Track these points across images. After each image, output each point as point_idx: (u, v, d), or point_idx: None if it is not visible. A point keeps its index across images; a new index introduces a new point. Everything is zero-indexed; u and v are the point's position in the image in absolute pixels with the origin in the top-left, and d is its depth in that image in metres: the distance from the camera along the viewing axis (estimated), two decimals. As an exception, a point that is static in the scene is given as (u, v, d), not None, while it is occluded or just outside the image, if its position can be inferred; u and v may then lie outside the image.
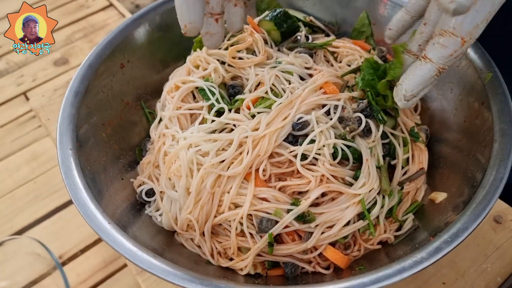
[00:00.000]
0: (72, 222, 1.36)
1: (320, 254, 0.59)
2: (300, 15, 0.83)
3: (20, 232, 1.34)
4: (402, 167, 0.66)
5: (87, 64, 0.72)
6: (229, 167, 0.61)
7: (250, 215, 0.58)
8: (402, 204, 0.64)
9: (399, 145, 0.66)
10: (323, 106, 0.64)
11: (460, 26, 0.50)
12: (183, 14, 0.56)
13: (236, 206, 0.60)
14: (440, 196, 0.62)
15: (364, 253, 0.61)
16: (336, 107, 0.63)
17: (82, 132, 0.65)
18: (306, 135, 0.61)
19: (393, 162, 0.65)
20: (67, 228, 1.35)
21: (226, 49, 0.76)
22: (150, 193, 0.67)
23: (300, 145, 0.60)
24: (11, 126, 1.64)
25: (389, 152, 0.66)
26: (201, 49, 0.78)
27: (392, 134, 0.66)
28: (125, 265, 1.26)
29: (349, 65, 0.74)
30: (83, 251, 1.30)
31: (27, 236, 1.14)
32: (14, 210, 1.40)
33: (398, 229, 0.63)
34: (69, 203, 1.41)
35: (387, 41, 0.69)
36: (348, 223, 0.59)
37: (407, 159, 0.67)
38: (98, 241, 1.31)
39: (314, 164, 0.60)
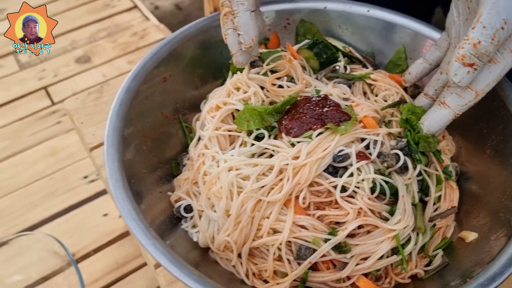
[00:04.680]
0: (86, 221, 1.38)
1: (352, 284, 0.61)
2: (339, 44, 0.85)
3: (33, 227, 1.36)
4: (434, 204, 0.68)
5: (133, 75, 0.74)
6: (268, 193, 0.63)
7: (289, 241, 0.60)
8: (433, 240, 0.66)
9: (432, 182, 0.68)
10: (362, 140, 0.66)
11: (475, 82, 0.60)
12: (252, 28, 0.66)
13: (275, 231, 0.62)
14: (471, 236, 0.64)
15: (393, 285, 0.63)
16: (375, 142, 0.65)
17: (127, 144, 0.67)
18: (345, 167, 0.63)
19: (425, 199, 0.67)
20: (81, 226, 1.36)
21: (265, 74, 0.79)
22: (188, 208, 0.68)
23: (340, 176, 0.62)
24: (30, 120, 1.66)
25: (422, 188, 0.68)
26: (238, 69, 0.80)
27: (425, 171, 0.68)
28: (137, 268, 1.28)
29: (385, 100, 0.76)
30: (96, 250, 1.32)
31: (43, 232, 1.15)
32: (28, 205, 1.42)
33: (427, 264, 0.65)
34: (84, 202, 1.43)
35: (405, 84, 0.79)
36: (381, 257, 0.61)
37: (439, 196, 0.69)
38: (111, 241, 1.33)
39: (352, 197, 0.62)
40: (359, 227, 0.62)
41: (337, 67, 0.81)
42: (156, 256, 0.55)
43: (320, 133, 0.65)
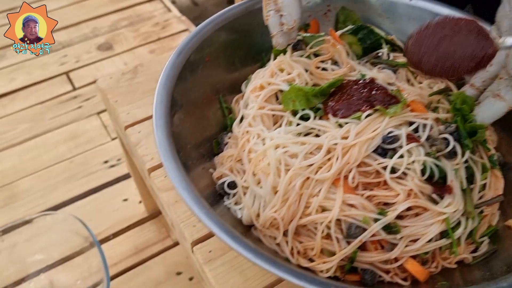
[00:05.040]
0: (106, 205, 1.37)
1: (399, 266, 0.60)
2: (380, 32, 0.85)
3: (53, 209, 1.36)
4: (478, 192, 0.67)
5: (179, 51, 0.74)
6: (316, 172, 0.63)
7: (338, 220, 0.60)
8: (479, 227, 0.65)
9: (477, 170, 0.67)
10: (410, 124, 0.66)
11: None
12: (295, 9, 0.69)
13: (323, 209, 0.61)
14: (519, 224, 0.64)
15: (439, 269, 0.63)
16: (424, 126, 0.65)
17: (174, 117, 0.67)
18: (394, 149, 0.63)
19: (470, 186, 0.67)
20: (100, 210, 1.36)
21: (308, 57, 0.78)
22: (232, 185, 0.68)
23: (390, 158, 0.62)
24: (51, 104, 1.66)
25: (466, 176, 0.67)
26: (281, 51, 0.81)
27: (471, 158, 0.67)
28: (156, 254, 1.27)
29: (430, 87, 0.76)
30: (115, 235, 1.31)
31: (67, 212, 1.15)
32: (48, 186, 1.42)
33: (473, 251, 0.64)
34: (104, 186, 1.42)
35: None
36: (430, 240, 0.60)
37: (483, 185, 0.68)
38: (131, 226, 1.32)
39: (401, 178, 0.62)
40: (408, 209, 0.61)
41: (380, 54, 0.80)
42: (210, 225, 0.54)
43: (368, 115, 0.65)
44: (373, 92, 0.68)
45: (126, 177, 1.42)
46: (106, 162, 1.47)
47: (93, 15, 2.01)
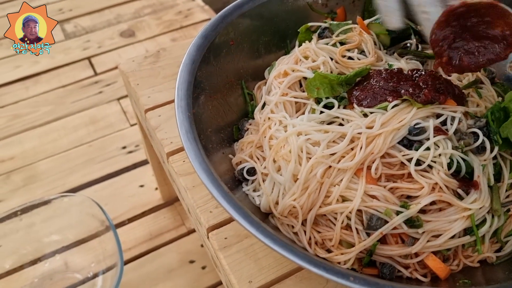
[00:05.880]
0: (122, 190, 1.38)
1: (419, 261, 0.59)
2: (410, 23, 0.83)
3: (71, 191, 1.37)
4: (505, 190, 0.65)
5: (204, 33, 0.73)
6: (339, 161, 0.61)
7: (359, 210, 0.58)
8: (505, 226, 0.63)
9: (506, 168, 0.65)
10: (438, 116, 0.64)
11: None
12: None
13: (344, 199, 0.60)
14: (547, 225, 0.61)
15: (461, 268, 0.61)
16: (453, 118, 0.63)
17: (196, 100, 0.66)
18: (420, 141, 0.61)
19: (498, 184, 0.65)
20: (117, 195, 1.36)
21: (334, 45, 0.77)
22: (251, 171, 0.67)
23: (416, 150, 0.60)
24: (73, 88, 1.67)
25: (494, 173, 0.65)
26: (306, 38, 0.79)
27: (500, 155, 0.65)
28: (171, 241, 1.27)
29: (459, 80, 0.73)
30: (130, 220, 1.32)
31: (85, 195, 1.15)
32: (67, 169, 1.43)
33: (497, 251, 0.62)
34: (121, 171, 1.43)
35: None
36: (453, 236, 0.58)
37: (511, 184, 0.66)
38: (146, 213, 1.32)
39: (426, 171, 0.60)
40: (432, 203, 0.59)
41: (408, 44, 0.78)
42: (228, 209, 0.53)
43: (395, 105, 0.63)
44: (401, 82, 0.66)
45: (143, 163, 1.42)
46: (124, 147, 1.47)
47: (117, 1, 2.02)
